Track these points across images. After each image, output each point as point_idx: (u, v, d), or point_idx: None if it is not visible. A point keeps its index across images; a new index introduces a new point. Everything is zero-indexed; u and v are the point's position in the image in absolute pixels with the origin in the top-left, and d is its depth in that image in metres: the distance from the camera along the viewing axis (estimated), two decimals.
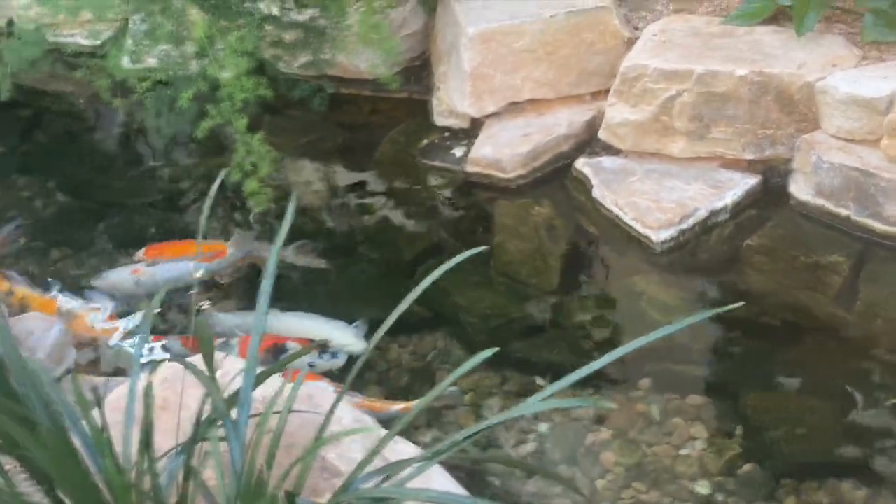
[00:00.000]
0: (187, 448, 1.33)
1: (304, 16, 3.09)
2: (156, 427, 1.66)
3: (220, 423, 1.29)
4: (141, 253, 2.98)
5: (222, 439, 1.46)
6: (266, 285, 1.57)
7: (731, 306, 1.43)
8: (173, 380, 1.75)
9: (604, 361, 1.43)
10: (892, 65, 2.78)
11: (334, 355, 2.66)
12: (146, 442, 1.19)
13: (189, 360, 1.69)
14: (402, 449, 1.74)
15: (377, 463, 1.63)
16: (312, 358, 2.63)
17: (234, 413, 1.49)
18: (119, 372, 2.73)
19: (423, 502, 1.28)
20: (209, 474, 1.50)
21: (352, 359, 2.61)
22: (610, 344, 2.72)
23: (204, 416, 1.44)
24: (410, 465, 1.29)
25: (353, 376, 1.58)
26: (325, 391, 1.80)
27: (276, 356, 2.62)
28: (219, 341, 2.68)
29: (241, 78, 2.75)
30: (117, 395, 1.78)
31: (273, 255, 1.59)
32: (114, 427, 1.56)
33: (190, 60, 2.91)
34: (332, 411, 1.44)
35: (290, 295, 2.84)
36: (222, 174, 1.70)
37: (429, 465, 1.34)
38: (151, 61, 3.03)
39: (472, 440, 1.39)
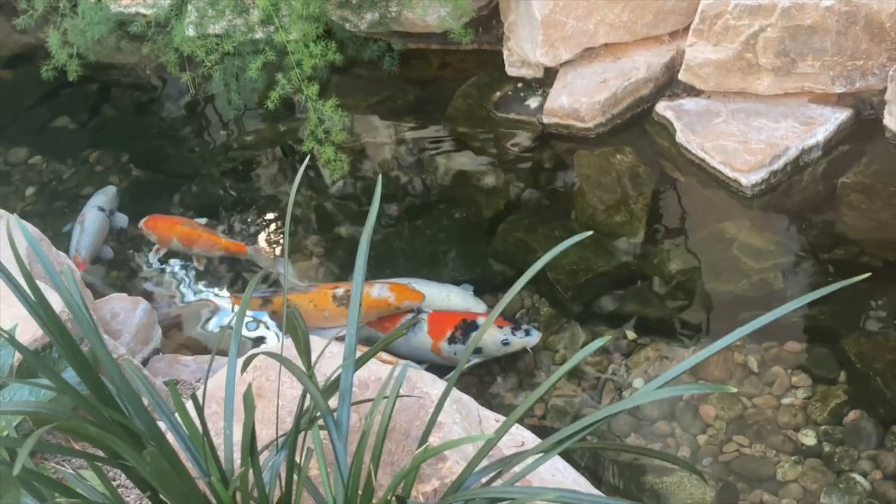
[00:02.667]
0: (288, 444, 1.31)
1: None
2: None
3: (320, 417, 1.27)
4: (142, 224, 3.02)
5: (322, 427, 1.44)
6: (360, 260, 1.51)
7: (857, 278, 1.34)
8: (265, 367, 1.74)
9: (723, 343, 1.35)
10: None
11: (528, 332, 2.57)
12: (250, 447, 1.17)
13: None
14: (515, 433, 1.71)
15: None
16: (506, 335, 2.57)
17: (334, 401, 1.47)
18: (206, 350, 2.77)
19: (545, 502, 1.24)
20: (312, 466, 1.48)
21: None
22: (703, 294, 2.69)
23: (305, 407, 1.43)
24: (526, 459, 1.25)
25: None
26: (420, 373, 1.76)
27: (466, 333, 2.58)
28: (408, 316, 2.67)
29: (308, 44, 2.72)
30: (215, 384, 1.77)
31: (368, 230, 1.54)
32: (210, 418, 1.55)
33: (255, 29, 2.88)
34: (439, 405, 1.40)
35: (374, 257, 2.85)
36: (307, 159, 1.65)
37: (553, 454, 1.30)
38: (216, 31, 2.99)
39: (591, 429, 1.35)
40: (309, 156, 1.81)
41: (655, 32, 3.09)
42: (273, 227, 3.04)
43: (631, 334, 2.54)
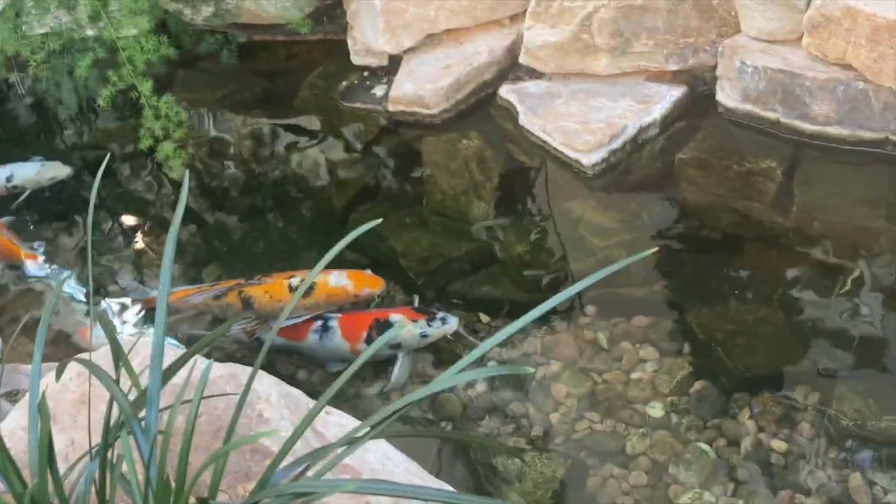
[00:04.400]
0: (100, 453, 1.27)
1: None
2: (76, 423, 1.60)
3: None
4: None
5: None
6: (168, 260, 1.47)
7: (646, 252, 1.36)
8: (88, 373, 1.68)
9: (518, 325, 1.35)
10: None
11: (445, 320, 2.51)
12: (48, 457, 1.12)
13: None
14: (336, 421, 1.69)
15: (310, 438, 1.57)
16: (423, 327, 2.50)
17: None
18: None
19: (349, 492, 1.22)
20: (138, 472, 1.44)
21: None
22: (552, 273, 2.69)
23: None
24: (336, 448, 1.23)
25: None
26: (247, 369, 1.72)
27: (381, 332, 2.51)
28: (315, 325, 2.56)
29: (140, 39, 2.65)
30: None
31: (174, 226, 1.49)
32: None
33: (84, 25, 2.79)
34: (243, 397, 1.37)
35: (228, 253, 2.80)
36: (107, 158, 1.59)
37: (360, 444, 1.28)
38: (43, 30, 2.89)
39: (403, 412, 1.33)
40: (104, 166, 1.73)
41: (496, 16, 3.10)
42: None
43: (484, 317, 2.55)
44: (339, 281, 2.59)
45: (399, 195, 2.99)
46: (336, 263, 2.66)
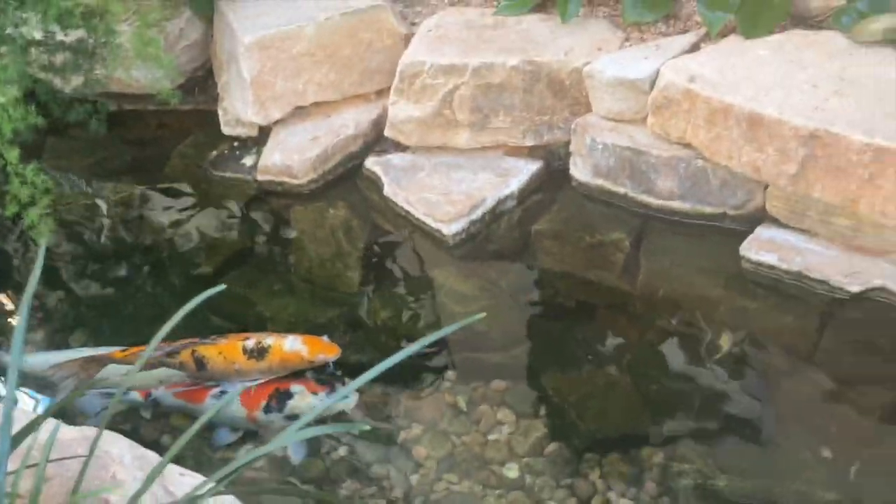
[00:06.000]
0: None
1: (72, 37, 2.96)
2: None
3: None
4: None
5: None
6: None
7: (472, 318, 1.43)
8: None
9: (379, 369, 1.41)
10: (653, 45, 2.86)
11: (345, 395, 2.47)
12: None
13: None
14: (189, 482, 1.70)
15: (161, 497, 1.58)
16: (321, 399, 2.50)
17: None
18: None
19: None
20: None
21: None
22: (414, 339, 2.73)
23: None
24: None
25: None
26: (105, 434, 1.72)
27: (280, 402, 2.49)
28: (215, 391, 2.54)
29: (7, 107, 2.63)
30: None
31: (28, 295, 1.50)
32: None
33: None
34: (89, 458, 1.38)
35: (97, 318, 2.77)
36: None
37: (203, 500, 1.30)
38: None
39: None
40: None
41: (362, 91, 3.17)
42: None
43: (349, 381, 2.59)
44: (294, 345, 2.56)
45: (268, 262, 3.02)
46: (210, 329, 2.70)
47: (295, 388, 2.50)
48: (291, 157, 3.06)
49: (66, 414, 2.45)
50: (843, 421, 2.39)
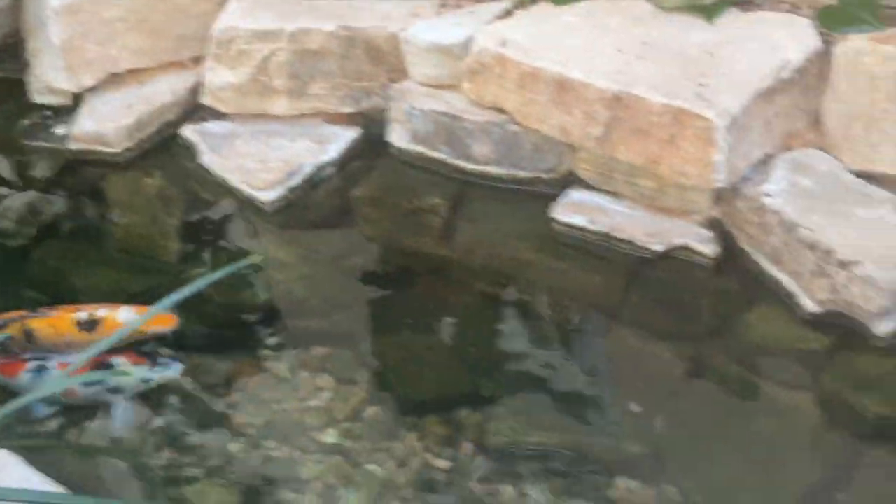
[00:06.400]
0: None
1: None
2: None
3: None
4: None
5: None
6: None
7: (246, 261, 1.43)
8: None
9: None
10: (467, 11, 2.88)
11: (168, 366, 2.44)
12: None
13: None
14: None
15: None
16: (145, 372, 2.42)
17: None
18: None
19: None
20: None
21: None
22: (233, 307, 2.66)
23: None
24: None
25: None
26: None
27: (100, 378, 2.41)
28: (31, 364, 2.41)
29: None
30: None
31: None
32: None
33: None
34: None
35: None
36: None
37: None
38: None
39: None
40: None
41: (178, 58, 3.09)
42: None
43: (166, 351, 2.49)
44: (128, 317, 2.49)
45: (82, 232, 2.94)
46: (23, 303, 2.62)
47: (115, 360, 2.42)
48: (105, 125, 2.98)
49: None
50: (649, 376, 2.46)
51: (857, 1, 2.59)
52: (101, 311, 2.48)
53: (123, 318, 2.49)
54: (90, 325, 2.47)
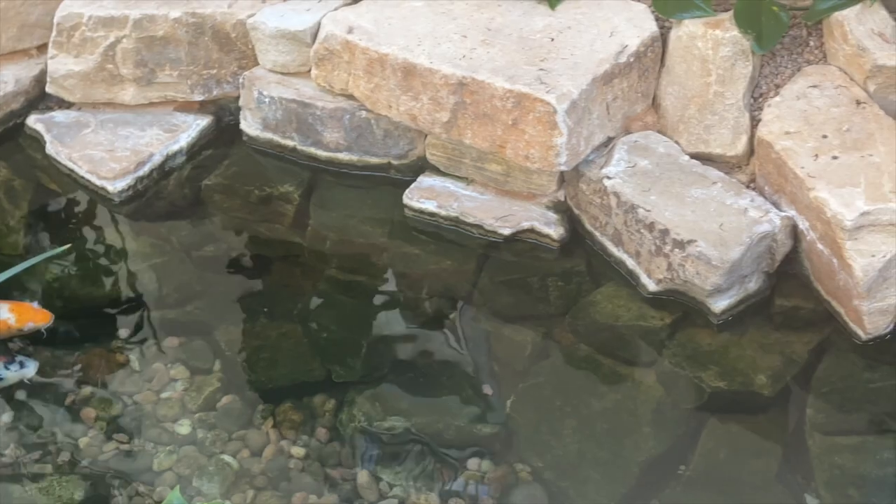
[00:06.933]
0: None
1: None
2: None
3: None
4: None
5: None
6: None
7: (60, 249, 1.41)
8: None
9: None
10: None
11: (23, 364, 2.38)
12: None
13: None
14: None
15: None
16: (0, 370, 2.37)
17: None
18: None
19: None
20: None
21: None
22: (76, 301, 2.62)
23: None
24: None
25: None
26: None
27: None
28: None
29: None
30: None
31: None
32: None
33: None
34: None
35: None
36: None
37: None
38: None
39: None
40: None
41: (22, 46, 3.00)
42: None
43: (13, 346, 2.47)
44: (0, 313, 2.45)
45: None
46: None
47: None
48: None
49: None
50: (500, 357, 2.49)
51: None
52: None
53: None
54: None
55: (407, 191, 2.71)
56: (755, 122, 2.55)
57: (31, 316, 2.47)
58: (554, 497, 2.21)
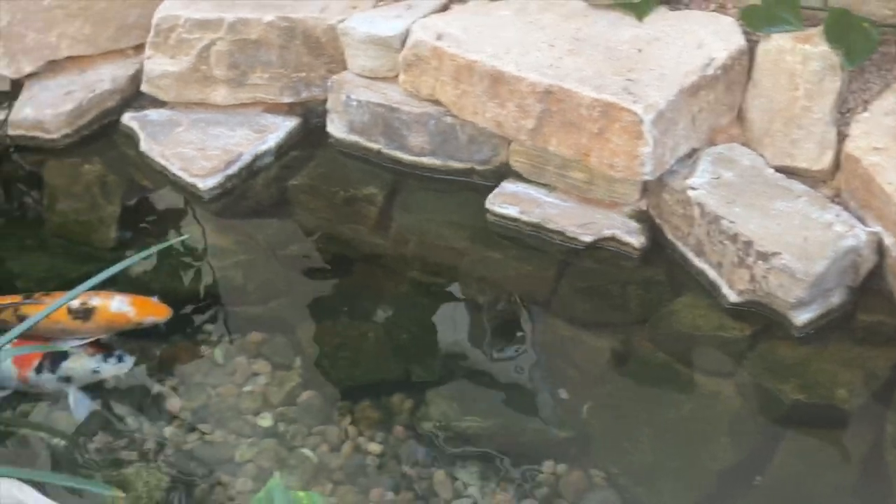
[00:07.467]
0: None
1: None
2: None
3: None
4: None
5: None
6: None
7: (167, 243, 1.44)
8: None
9: None
10: (405, 4, 2.89)
11: (121, 359, 2.43)
12: None
13: None
14: None
15: None
16: (98, 363, 2.41)
17: None
18: None
19: None
20: None
21: None
22: (168, 293, 2.64)
23: None
24: None
25: None
26: None
27: (54, 362, 2.38)
28: None
29: None
30: None
31: None
32: None
33: None
34: None
35: None
36: None
37: None
38: None
39: None
40: None
41: (119, 46, 3.09)
42: None
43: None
44: (121, 306, 2.49)
45: (18, 218, 2.93)
46: None
47: (72, 347, 2.43)
48: (44, 111, 2.98)
49: None
50: (578, 363, 2.49)
51: (780, 1, 2.62)
52: (95, 300, 2.48)
53: (116, 307, 2.50)
54: (84, 313, 2.47)
55: (489, 196, 2.73)
56: (842, 137, 2.53)
57: (151, 310, 2.52)
58: (627, 503, 2.22)
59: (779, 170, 2.57)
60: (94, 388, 2.45)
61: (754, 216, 2.44)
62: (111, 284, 2.43)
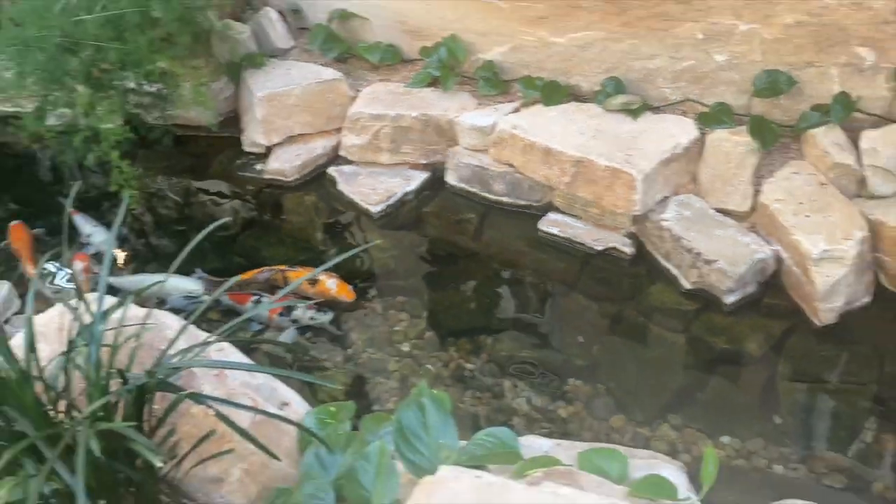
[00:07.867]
0: (66, 353, 1.28)
1: (153, 87, 2.88)
2: (58, 340, 1.50)
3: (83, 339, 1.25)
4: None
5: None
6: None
7: (372, 243, 1.45)
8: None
9: None
10: (493, 108, 2.87)
11: (326, 312, 2.42)
12: (30, 346, 1.13)
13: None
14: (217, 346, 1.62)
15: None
16: (314, 313, 2.40)
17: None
18: None
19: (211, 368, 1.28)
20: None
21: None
22: (358, 277, 2.64)
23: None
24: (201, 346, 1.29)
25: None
26: (164, 313, 1.64)
27: (288, 310, 2.38)
28: (253, 298, 2.39)
29: (114, 129, 2.58)
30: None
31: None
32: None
33: (80, 118, 2.68)
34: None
35: (165, 258, 2.63)
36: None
37: (211, 345, 1.32)
38: (52, 120, 2.75)
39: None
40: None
41: (327, 128, 3.10)
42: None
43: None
44: (331, 284, 2.49)
45: (268, 226, 2.94)
46: (226, 263, 2.63)
47: (299, 304, 2.43)
48: (284, 165, 3.02)
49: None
50: (590, 322, 2.47)
51: (720, 109, 2.59)
52: (322, 276, 2.48)
53: (328, 284, 2.50)
54: (313, 282, 2.49)
55: (540, 221, 2.71)
56: (757, 192, 2.50)
57: (344, 292, 2.50)
58: (618, 403, 2.21)
59: (718, 211, 2.53)
60: (305, 329, 2.47)
61: (702, 238, 2.42)
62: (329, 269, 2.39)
